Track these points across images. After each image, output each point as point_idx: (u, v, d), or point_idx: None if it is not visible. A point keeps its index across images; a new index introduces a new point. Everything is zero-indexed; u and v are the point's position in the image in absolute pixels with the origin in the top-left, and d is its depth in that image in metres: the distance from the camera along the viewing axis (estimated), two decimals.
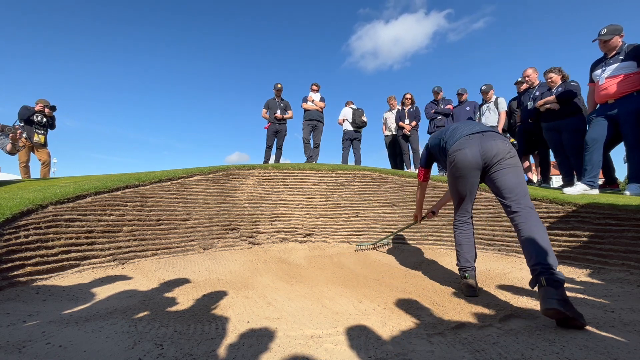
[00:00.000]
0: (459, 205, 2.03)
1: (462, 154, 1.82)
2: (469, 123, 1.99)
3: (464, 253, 1.96)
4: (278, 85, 6.29)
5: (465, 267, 1.92)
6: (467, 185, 1.89)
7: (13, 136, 3.34)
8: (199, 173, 3.90)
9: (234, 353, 1.15)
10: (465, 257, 1.94)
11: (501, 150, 1.75)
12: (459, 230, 2.02)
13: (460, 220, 2.03)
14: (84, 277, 2.14)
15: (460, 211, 2.03)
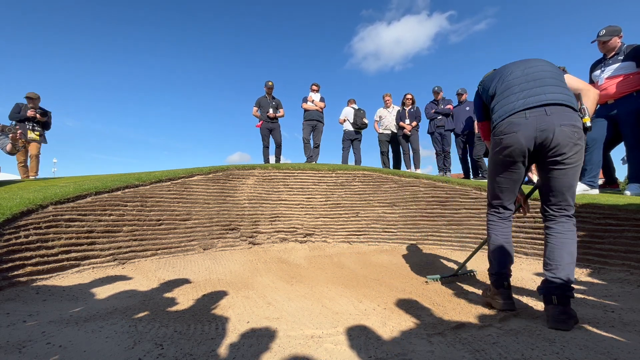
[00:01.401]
0: (497, 198, 1.63)
1: (514, 139, 1.42)
2: (529, 78, 1.50)
3: (503, 256, 1.56)
4: (269, 82, 6.24)
5: (504, 274, 1.55)
6: (513, 176, 1.53)
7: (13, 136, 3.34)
8: (199, 173, 3.90)
9: (234, 353, 1.15)
10: (505, 261, 1.56)
11: (567, 141, 1.34)
12: (497, 228, 1.62)
13: (500, 216, 1.64)
14: (84, 277, 2.14)
15: (499, 205, 1.64)
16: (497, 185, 1.59)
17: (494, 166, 1.58)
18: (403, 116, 6.12)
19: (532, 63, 1.58)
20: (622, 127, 3.20)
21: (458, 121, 5.81)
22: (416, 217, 3.55)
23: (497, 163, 1.55)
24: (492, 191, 1.65)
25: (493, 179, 1.61)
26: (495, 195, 1.63)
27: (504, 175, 1.55)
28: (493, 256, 1.59)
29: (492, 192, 1.66)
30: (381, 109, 6.56)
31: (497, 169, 1.56)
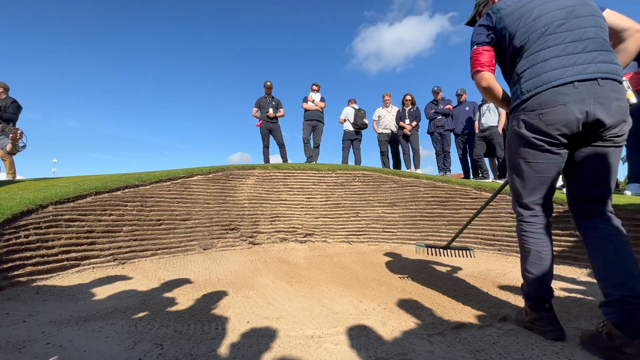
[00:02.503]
0: (533, 195, 1.26)
1: (562, 115, 1.12)
2: (574, 35, 1.15)
3: (545, 275, 1.22)
4: (268, 82, 6.23)
5: (546, 296, 1.22)
6: (553, 165, 1.20)
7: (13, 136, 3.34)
8: (199, 173, 3.89)
9: (234, 353, 1.15)
10: (548, 281, 1.23)
11: (621, 118, 1.11)
12: (537, 240, 1.25)
13: (538, 222, 1.27)
14: (84, 277, 2.14)
15: (537, 204, 1.27)
16: (535, 177, 1.21)
17: (526, 153, 1.21)
18: (403, 116, 6.11)
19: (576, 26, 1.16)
20: None
21: (458, 121, 5.80)
22: (416, 217, 3.55)
23: (531, 147, 1.19)
24: (524, 188, 1.25)
25: (524, 171, 1.23)
26: (529, 192, 1.24)
27: (541, 162, 1.19)
28: (532, 275, 1.23)
29: (524, 190, 1.26)
30: (380, 108, 6.55)
31: (532, 156, 1.19)
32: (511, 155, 1.30)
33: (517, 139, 1.25)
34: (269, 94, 6.27)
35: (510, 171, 1.32)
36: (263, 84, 6.26)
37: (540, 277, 1.20)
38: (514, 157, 1.28)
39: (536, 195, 1.26)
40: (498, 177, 5.13)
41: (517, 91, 1.24)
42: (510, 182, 1.34)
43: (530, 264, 1.23)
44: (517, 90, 1.24)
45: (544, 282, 1.21)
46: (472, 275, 2.27)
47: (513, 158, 1.29)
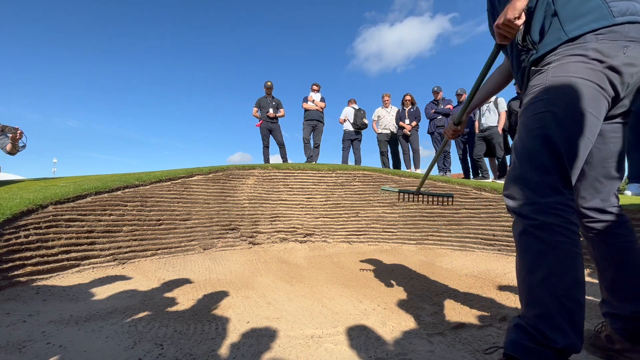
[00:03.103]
0: (578, 168, 0.86)
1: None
2: None
3: (581, 289, 0.78)
4: (268, 83, 6.24)
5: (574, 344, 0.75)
6: (596, 128, 0.85)
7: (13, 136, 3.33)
8: (199, 173, 3.89)
9: (235, 353, 1.15)
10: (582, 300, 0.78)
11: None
12: (569, 243, 0.78)
13: (567, 217, 0.80)
14: (84, 277, 2.14)
15: (567, 187, 0.83)
16: (589, 140, 0.83)
17: (590, 98, 0.82)
18: (403, 116, 6.12)
19: None
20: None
21: None
22: (416, 217, 3.55)
23: (598, 90, 0.83)
24: (576, 157, 0.83)
25: (586, 127, 0.82)
26: (579, 164, 0.83)
27: (599, 118, 0.84)
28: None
29: (575, 160, 0.83)
30: (379, 108, 6.55)
31: (596, 104, 0.83)
32: (556, 103, 0.83)
33: (576, 76, 0.84)
34: (269, 94, 6.27)
35: (541, 131, 0.84)
36: (263, 84, 6.27)
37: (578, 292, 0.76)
38: (563, 107, 0.82)
39: (566, 172, 0.83)
40: (498, 177, 5.13)
41: (593, 9, 0.86)
42: (539, 152, 0.83)
43: (575, 285, 0.76)
44: (597, 7, 0.85)
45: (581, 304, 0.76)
46: (472, 275, 2.27)
47: (562, 108, 0.82)
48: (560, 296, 0.73)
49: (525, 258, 0.82)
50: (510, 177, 0.91)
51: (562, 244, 0.77)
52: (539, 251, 0.78)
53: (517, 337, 0.77)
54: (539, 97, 0.88)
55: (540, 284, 0.75)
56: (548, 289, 0.74)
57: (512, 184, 0.89)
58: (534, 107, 0.89)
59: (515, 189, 0.88)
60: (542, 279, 0.75)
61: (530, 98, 0.92)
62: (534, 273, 0.78)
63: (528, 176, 0.85)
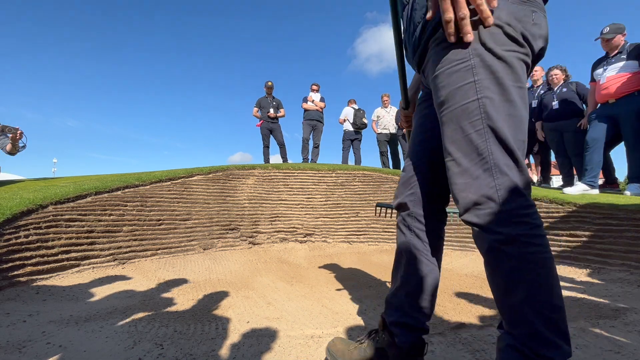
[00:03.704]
0: (521, 173, 0.71)
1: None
2: None
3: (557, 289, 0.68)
4: (269, 82, 6.24)
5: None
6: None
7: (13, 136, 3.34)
8: (199, 173, 3.90)
9: (235, 353, 1.15)
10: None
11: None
12: (541, 252, 0.68)
13: (533, 221, 0.69)
14: (84, 277, 2.14)
15: (527, 189, 0.70)
16: (524, 130, 0.74)
17: (520, 73, 0.74)
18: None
19: None
20: (622, 126, 3.20)
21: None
22: None
23: (515, 76, 0.73)
24: (524, 138, 0.73)
25: (521, 108, 0.72)
26: (516, 164, 0.71)
27: (526, 103, 0.76)
28: (560, 306, 0.67)
29: (524, 142, 0.73)
30: (379, 108, 6.55)
31: (523, 79, 0.75)
32: (489, 87, 0.71)
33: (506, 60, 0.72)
34: (269, 94, 6.27)
35: (505, 116, 0.70)
36: (264, 84, 6.27)
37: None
38: (500, 91, 0.71)
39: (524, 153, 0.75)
40: None
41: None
42: (503, 137, 0.70)
43: (557, 296, 0.67)
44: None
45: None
46: (472, 275, 2.27)
47: (498, 93, 0.71)
48: (544, 311, 0.66)
49: (498, 277, 0.71)
50: (461, 184, 0.73)
51: (533, 255, 0.67)
52: (512, 270, 0.68)
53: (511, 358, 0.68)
54: (466, 79, 0.72)
55: (521, 304, 0.67)
56: (531, 308, 0.66)
57: (464, 193, 0.73)
58: (463, 93, 0.72)
59: (469, 198, 0.72)
60: (521, 300, 0.67)
61: (451, 80, 0.74)
62: (510, 295, 0.68)
63: (482, 181, 0.70)
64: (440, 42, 0.77)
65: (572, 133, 3.89)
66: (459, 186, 0.73)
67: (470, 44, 0.72)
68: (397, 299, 0.95)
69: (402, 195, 0.99)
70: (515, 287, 0.67)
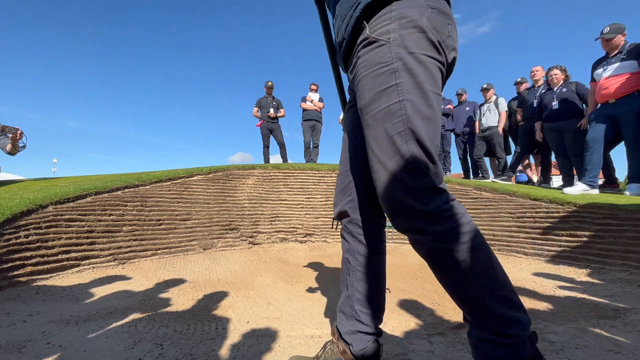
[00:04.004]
0: (439, 173, 0.75)
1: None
2: None
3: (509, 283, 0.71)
4: (269, 82, 6.25)
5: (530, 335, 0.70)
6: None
7: (13, 136, 3.34)
8: (199, 173, 3.89)
9: (235, 353, 1.15)
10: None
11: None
12: (474, 238, 0.72)
13: (458, 212, 0.73)
14: (84, 277, 2.14)
15: (444, 186, 0.75)
16: (438, 134, 0.78)
17: (436, 75, 0.78)
18: None
19: None
20: (622, 126, 3.20)
21: (458, 121, 5.81)
22: None
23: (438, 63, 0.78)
24: (436, 137, 0.76)
25: (424, 125, 0.73)
26: (433, 164, 0.73)
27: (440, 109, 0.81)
28: (510, 292, 0.69)
29: (425, 163, 0.72)
30: None
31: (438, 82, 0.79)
32: (410, 90, 0.73)
33: (423, 40, 0.74)
34: (269, 94, 6.27)
35: (420, 109, 0.73)
36: (264, 83, 6.27)
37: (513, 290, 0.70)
38: (419, 95, 0.73)
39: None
40: (498, 177, 5.13)
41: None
42: (415, 131, 0.72)
43: (500, 270, 0.70)
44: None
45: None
46: None
47: (417, 96, 0.73)
48: (498, 291, 0.68)
49: (445, 276, 0.72)
50: (387, 190, 0.73)
51: (469, 243, 0.69)
52: (455, 265, 0.69)
53: (489, 350, 0.68)
54: (389, 82, 0.74)
55: (477, 294, 0.68)
56: (487, 294, 0.67)
57: (391, 198, 0.72)
58: (387, 96, 0.74)
59: (396, 202, 0.72)
60: (477, 289, 0.68)
61: (376, 82, 0.75)
62: (466, 288, 0.70)
63: (408, 184, 0.70)
64: (365, 45, 0.79)
65: (572, 133, 3.89)
66: (385, 189, 0.74)
67: (394, 47, 0.74)
68: (348, 307, 0.94)
69: (341, 203, 0.99)
70: (467, 279, 0.69)
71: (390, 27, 0.75)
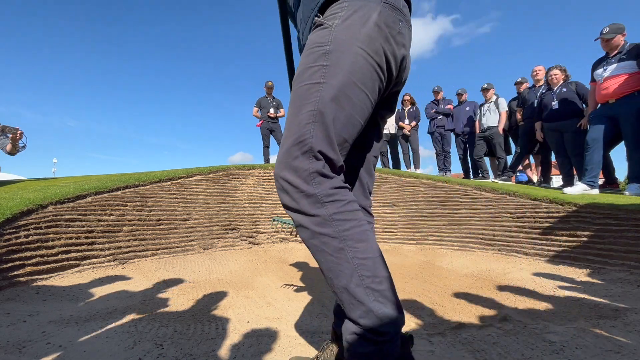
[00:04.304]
0: (336, 163, 0.73)
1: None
2: None
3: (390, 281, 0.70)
4: (269, 82, 6.25)
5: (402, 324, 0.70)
6: (368, 113, 0.79)
7: (13, 136, 3.34)
8: (199, 173, 3.90)
9: (235, 353, 1.15)
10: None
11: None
12: (356, 226, 0.71)
13: (344, 198, 0.72)
14: (84, 277, 2.14)
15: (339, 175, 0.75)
16: (351, 125, 0.75)
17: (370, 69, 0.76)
18: (402, 116, 6.12)
19: None
20: (622, 127, 3.20)
21: (458, 121, 5.81)
22: (416, 217, 3.55)
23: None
24: (326, 146, 0.72)
25: (336, 112, 0.73)
26: (333, 153, 0.72)
27: (365, 105, 0.77)
28: (389, 292, 0.68)
29: (323, 148, 0.71)
30: None
31: (364, 87, 0.75)
32: (335, 76, 0.72)
33: (368, 31, 0.74)
34: (270, 94, 6.28)
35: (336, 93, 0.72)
36: (264, 83, 6.28)
37: (392, 280, 0.70)
38: (341, 83, 0.72)
39: (345, 153, 0.77)
40: (498, 177, 5.14)
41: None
42: (323, 112, 0.71)
43: (380, 265, 0.69)
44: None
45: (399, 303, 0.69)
46: (472, 275, 2.27)
47: (340, 83, 0.72)
48: (373, 285, 0.66)
49: (323, 264, 0.70)
50: (281, 164, 0.72)
51: (350, 231, 0.68)
52: (332, 252, 0.67)
53: (359, 346, 0.67)
54: (318, 61, 0.74)
55: (348, 285, 0.66)
56: (359, 288, 0.66)
57: (283, 173, 0.71)
58: (311, 74, 0.74)
59: (287, 179, 0.70)
60: (349, 278, 0.66)
61: (307, 60, 0.76)
62: (338, 277, 0.67)
63: (298, 164, 0.69)
64: (314, 29, 0.80)
65: (572, 133, 3.89)
66: (279, 164, 0.72)
67: (334, 31, 0.74)
68: (342, 310, 0.94)
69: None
70: (340, 268, 0.67)
71: (338, 15, 0.76)
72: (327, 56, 0.73)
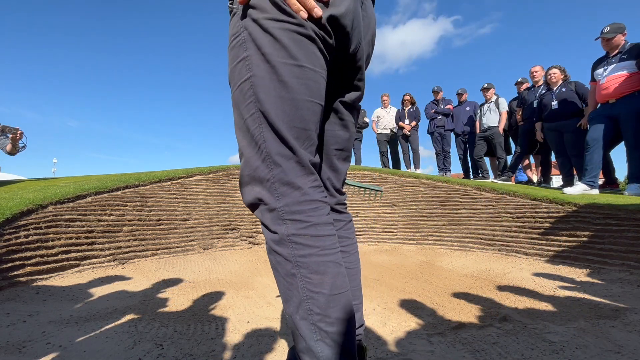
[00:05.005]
0: (298, 164, 0.63)
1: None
2: None
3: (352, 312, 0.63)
4: None
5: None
6: (319, 85, 0.67)
7: (13, 136, 3.34)
8: (199, 173, 3.90)
9: (235, 353, 1.15)
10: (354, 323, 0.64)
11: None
12: (332, 236, 0.64)
13: (308, 218, 0.62)
14: (84, 277, 2.14)
15: (315, 163, 0.67)
16: (304, 113, 0.65)
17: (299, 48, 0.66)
18: (402, 116, 6.12)
19: None
20: (623, 126, 3.20)
21: (458, 121, 5.81)
22: (416, 217, 3.55)
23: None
24: (283, 148, 0.63)
25: (278, 105, 0.63)
26: (293, 153, 0.63)
27: (310, 80, 0.66)
28: (342, 325, 0.60)
29: (280, 152, 0.63)
30: (379, 109, 6.57)
31: (298, 61, 0.64)
32: (258, 64, 0.63)
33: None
34: None
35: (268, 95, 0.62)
36: None
37: (352, 324, 0.61)
38: (268, 70, 0.62)
39: (314, 143, 0.67)
40: (498, 177, 5.14)
41: None
42: (264, 117, 0.63)
43: (339, 307, 0.60)
44: None
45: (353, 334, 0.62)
46: (472, 275, 2.27)
47: (266, 70, 0.62)
48: (321, 324, 0.58)
49: (277, 281, 0.63)
50: (243, 178, 0.66)
51: (305, 258, 0.59)
52: (286, 274, 0.60)
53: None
54: (239, 55, 0.65)
55: (295, 314, 0.60)
56: (305, 319, 0.58)
57: (245, 189, 0.66)
58: (238, 72, 0.65)
59: (251, 193, 0.64)
60: (295, 310, 0.59)
61: (230, 56, 0.68)
62: (287, 303, 0.61)
63: (260, 174, 0.62)
64: (231, 15, 0.69)
65: (572, 133, 3.89)
66: (244, 178, 0.66)
67: (240, 14, 0.65)
68: None
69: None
70: (290, 294, 0.60)
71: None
72: (244, 46, 0.64)
